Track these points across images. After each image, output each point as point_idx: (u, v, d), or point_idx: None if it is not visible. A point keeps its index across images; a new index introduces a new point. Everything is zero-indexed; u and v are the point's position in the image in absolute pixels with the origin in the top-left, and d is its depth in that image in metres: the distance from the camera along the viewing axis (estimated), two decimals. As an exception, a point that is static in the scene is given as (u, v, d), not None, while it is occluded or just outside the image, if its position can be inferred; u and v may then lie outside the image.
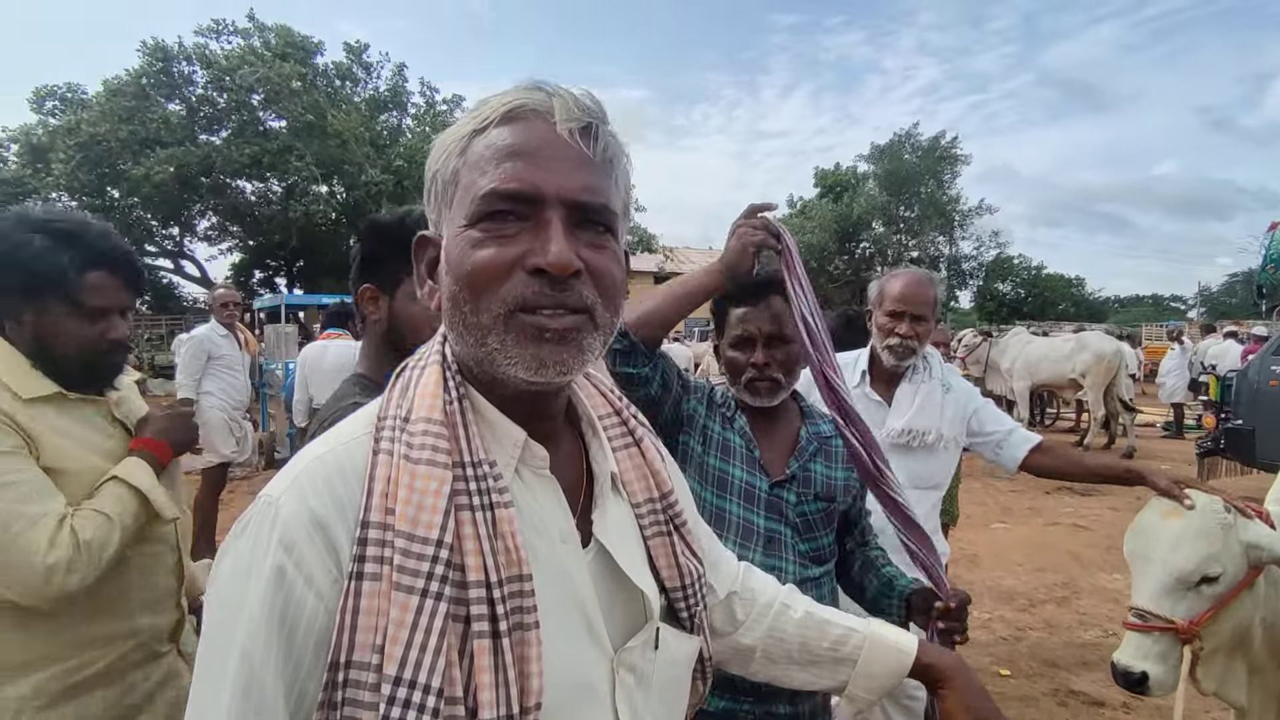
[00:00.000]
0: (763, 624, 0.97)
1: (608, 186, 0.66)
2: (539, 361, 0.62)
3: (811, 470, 1.56)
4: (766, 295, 1.54)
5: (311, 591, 0.57)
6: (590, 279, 0.63)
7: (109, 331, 1.39)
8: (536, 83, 0.67)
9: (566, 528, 0.70)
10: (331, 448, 0.64)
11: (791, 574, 1.47)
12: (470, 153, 0.65)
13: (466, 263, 0.62)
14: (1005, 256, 32.24)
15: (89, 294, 1.36)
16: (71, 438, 1.34)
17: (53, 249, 1.33)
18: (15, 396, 1.28)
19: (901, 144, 28.88)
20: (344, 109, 21.43)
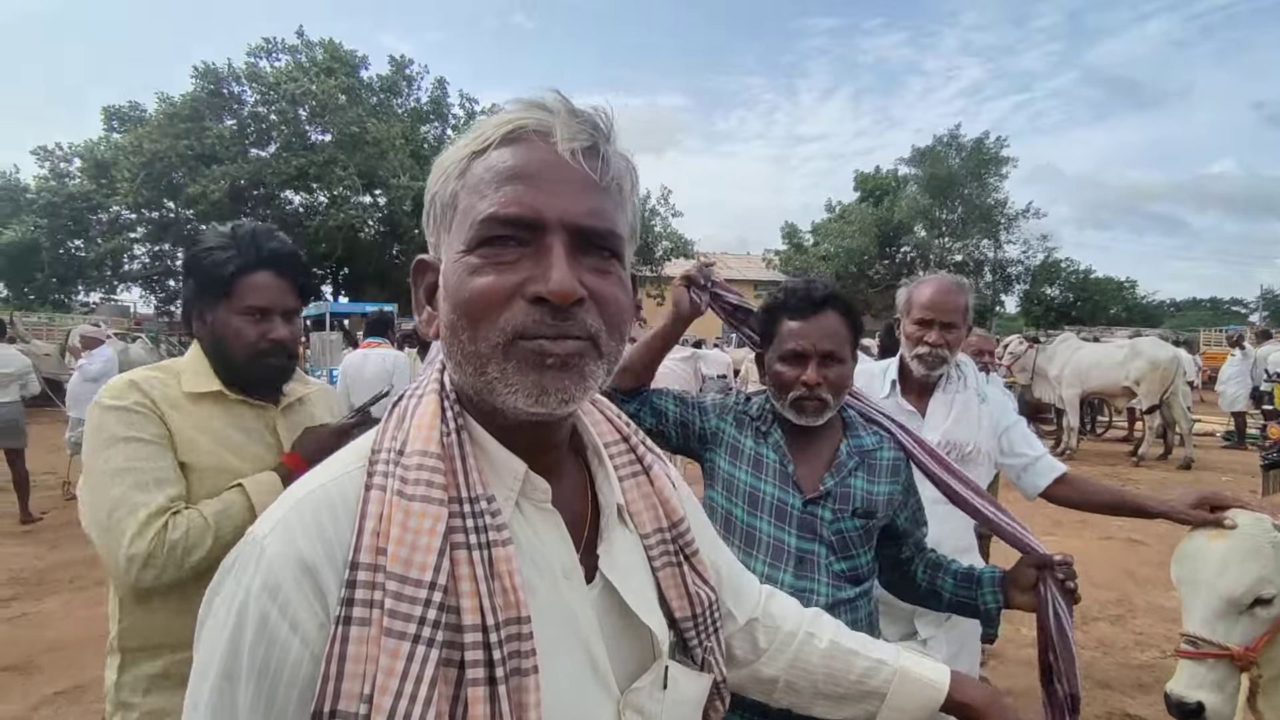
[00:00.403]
0: (786, 653, 0.93)
1: (613, 209, 0.63)
2: (540, 389, 0.59)
3: (851, 486, 1.48)
4: (824, 310, 1.48)
5: (297, 638, 0.54)
6: (594, 306, 0.60)
7: (269, 332, 1.42)
8: (538, 100, 0.63)
9: (570, 564, 0.66)
10: (322, 482, 0.61)
11: (825, 595, 1.42)
12: (469, 175, 0.62)
13: (465, 290, 0.59)
14: (1053, 260, 31.29)
15: (250, 294, 1.41)
16: (212, 435, 1.37)
17: (223, 252, 1.40)
18: (180, 389, 1.37)
19: (944, 146, 28.32)
20: (385, 120, 21.97)
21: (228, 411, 1.42)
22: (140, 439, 1.28)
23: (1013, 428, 2.16)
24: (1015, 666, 3.80)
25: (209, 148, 20.04)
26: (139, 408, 1.30)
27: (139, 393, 1.32)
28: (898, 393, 2.15)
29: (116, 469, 1.26)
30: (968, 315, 2.11)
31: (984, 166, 27.94)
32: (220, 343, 1.41)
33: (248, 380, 1.44)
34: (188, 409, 1.36)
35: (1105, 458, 10.22)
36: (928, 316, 2.05)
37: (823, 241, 31.18)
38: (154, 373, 1.40)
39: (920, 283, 2.16)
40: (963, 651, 2.02)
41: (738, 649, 0.92)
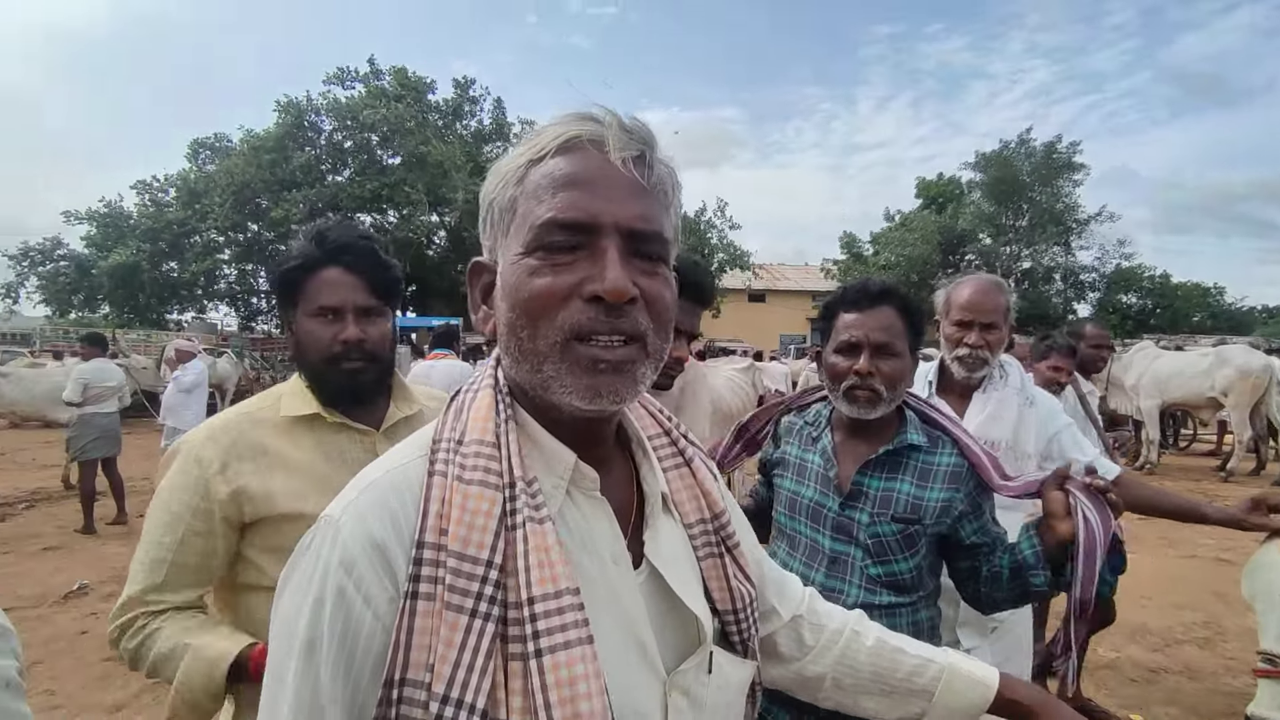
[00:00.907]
0: (832, 651, 0.93)
1: (660, 214, 0.67)
2: (594, 391, 0.62)
3: (894, 489, 1.45)
4: (881, 304, 1.48)
5: (370, 611, 0.58)
6: (644, 306, 0.64)
7: (341, 333, 1.29)
8: (589, 111, 0.67)
9: (618, 550, 0.69)
10: (389, 469, 0.66)
11: (854, 598, 1.40)
12: (527, 182, 0.66)
13: (524, 290, 0.63)
14: (1129, 266, 29.71)
15: (318, 293, 1.30)
16: (299, 472, 1.26)
17: (299, 251, 1.32)
18: (275, 417, 1.29)
19: (1012, 151, 27.38)
20: (449, 141, 22.82)
21: (324, 438, 1.31)
22: (168, 508, 1.22)
23: (1063, 432, 2.09)
24: (1090, 689, 3.67)
25: (290, 174, 21.27)
26: (185, 471, 1.23)
27: (205, 447, 1.23)
28: (933, 394, 2.10)
29: (148, 527, 1.24)
30: (1009, 315, 2.07)
31: (1055, 173, 26.83)
32: (300, 351, 1.33)
33: (332, 392, 1.32)
34: (278, 446, 1.26)
35: (1190, 473, 9.69)
36: (967, 317, 2.02)
37: (883, 251, 30.52)
38: (250, 407, 1.33)
39: (958, 283, 2.13)
40: (1010, 663, 1.96)
41: (783, 646, 0.93)
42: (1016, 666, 2.00)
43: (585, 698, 0.57)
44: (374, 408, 1.38)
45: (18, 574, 5.50)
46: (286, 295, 1.33)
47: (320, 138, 22.88)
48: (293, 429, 1.30)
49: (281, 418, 1.30)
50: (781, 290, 38.17)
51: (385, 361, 1.37)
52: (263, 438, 1.27)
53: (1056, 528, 1.27)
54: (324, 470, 1.28)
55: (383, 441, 1.34)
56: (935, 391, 2.11)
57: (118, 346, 11.39)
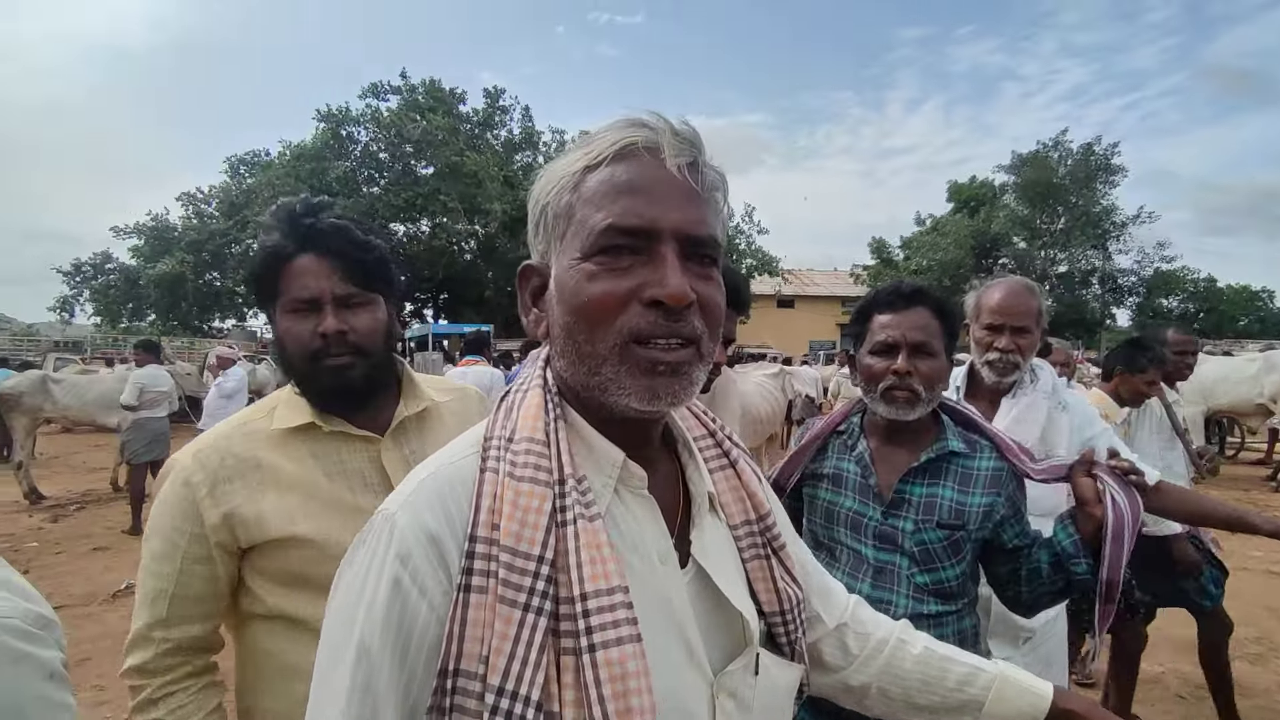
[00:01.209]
0: (878, 660, 0.92)
1: (712, 218, 0.68)
2: (652, 393, 0.63)
3: (938, 495, 1.43)
4: (915, 304, 1.47)
5: (425, 602, 0.59)
6: (699, 310, 0.65)
7: (319, 325, 1.16)
8: (641, 118, 0.68)
9: (665, 548, 0.69)
10: (442, 465, 0.67)
11: (903, 608, 1.38)
12: (584, 188, 0.66)
13: (583, 294, 0.64)
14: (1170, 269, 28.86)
15: (294, 284, 1.17)
16: (296, 490, 1.14)
17: (271, 239, 1.19)
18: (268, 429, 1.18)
19: (1047, 152, 26.86)
20: (481, 152, 23.19)
21: (321, 449, 1.18)
22: (163, 535, 1.13)
23: (1099, 437, 2.02)
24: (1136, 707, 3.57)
25: (327, 186, 21.84)
26: (174, 495, 1.13)
27: (193, 469, 1.13)
28: (961, 400, 2.02)
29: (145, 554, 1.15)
30: (1041, 319, 2.02)
31: (1093, 175, 26.23)
32: (282, 353, 1.20)
33: (320, 394, 1.19)
34: (271, 461, 1.15)
35: (1239, 482, 9.37)
36: (997, 321, 1.97)
37: (914, 255, 30.15)
38: (242, 419, 1.21)
39: (989, 286, 2.08)
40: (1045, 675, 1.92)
41: (828, 654, 0.92)
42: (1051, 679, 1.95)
43: (636, 693, 0.58)
44: (379, 409, 1.23)
45: (70, 572, 5.70)
46: (265, 294, 1.20)
47: (357, 149, 23.45)
48: (287, 441, 1.17)
49: (274, 430, 1.18)
50: (810, 296, 37.92)
51: (377, 355, 1.21)
52: (255, 453, 1.15)
53: (1091, 513, 1.31)
54: (321, 486, 1.15)
55: (389, 446, 1.21)
56: (964, 396, 2.07)
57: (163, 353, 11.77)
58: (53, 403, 8.69)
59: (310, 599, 1.10)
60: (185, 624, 1.14)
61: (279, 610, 1.14)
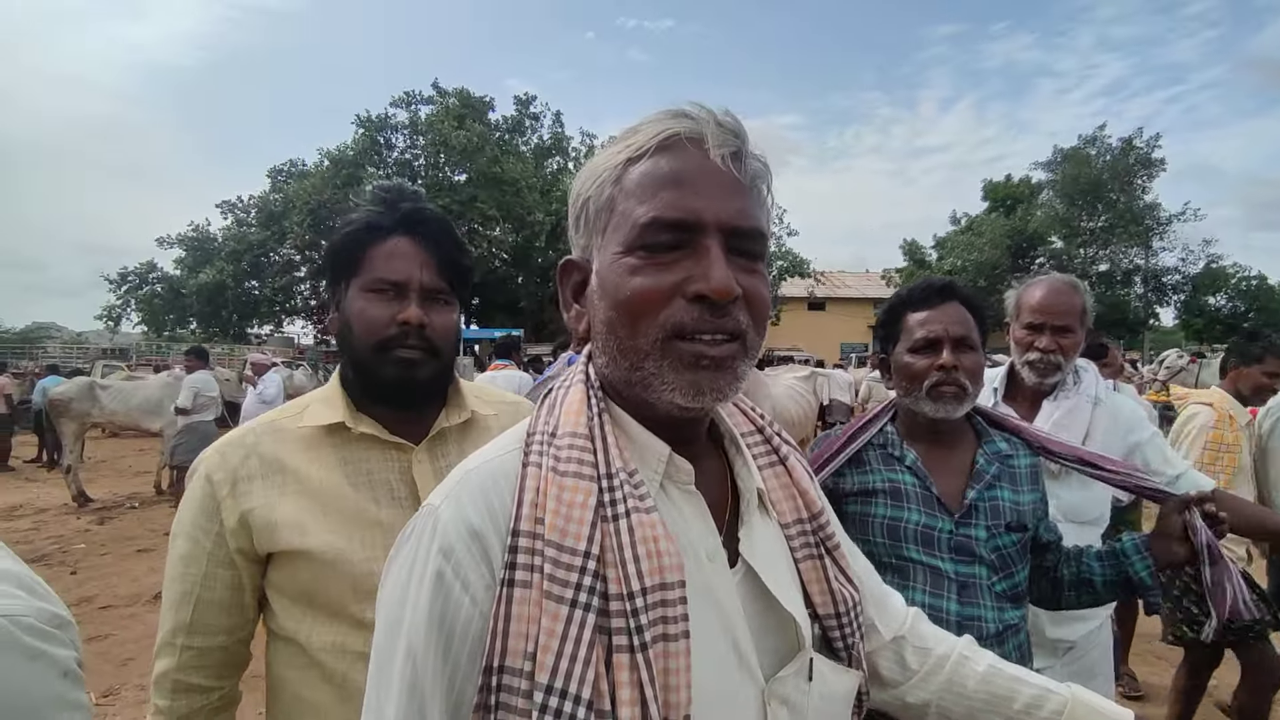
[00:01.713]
0: (939, 677, 0.86)
1: (757, 210, 0.66)
2: (696, 388, 0.62)
3: (999, 498, 1.38)
4: (949, 299, 1.43)
5: (468, 596, 0.58)
6: (745, 304, 0.64)
7: (400, 312, 1.08)
8: (684, 109, 0.66)
9: (713, 546, 0.67)
10: (485, 460, 0.67)
11: (991, 621, 1.30)
12: (626, 180, 0.65)
13: (625, 289, 0.63)
14: (1217, 267, 27.82)
15: (383, 263, 1.09)
16: (316, 499, 1.05)
17: (362, 215, 1.13)
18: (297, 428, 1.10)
19: (1086, 148, 26.14)
20: (514, 159, 23.45)
21: (349, 454, 1.09)
22: (188, 534, 1.07)
23: (1147, 443, 1.93)
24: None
25: (363, 195, 22.22)
26: (198, 493, 1.07)
27: (216, 464, 1.07)
28: (1000, 402, 1.99)
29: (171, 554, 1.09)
30: (1085, 318, 1.94)
31: (1133, 170, 25.46)
32: (346, 334, 1.11)
33: (379, 386, 1.11)
34: (295, 464, 1.07)
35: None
36: (1038, 320, 1.90)
37: (948, 256, 29.60)
38: (274, 415, 1.15)
39: (1030, 284, 2.00)
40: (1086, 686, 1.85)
41: (885, 669, 0.87)
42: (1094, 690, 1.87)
43: (675, 690, 0.57)
44: (421, 417, 1.15)
45: (116, 574, 5.88)
46: (341, 267, 1.12)
47: (393, 155, 23.88)
48: (316, 443, 1.09)
49: (303, 428, 1.10)
50: (841, 298, 37.46)
51: (446, 359, 1.14)
52: (282, 453, 1.08)
53: (1167, 552, 1.32)
54: (344, 495, 1.06)
55: (422, 458, 1.11)
56: (1001, 399, 2.01)
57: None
58: (100, 408, 8.99)
59: (316, 623, 1.03)
60: (209, 634, 1.07)
61: (286, 632, 1.06)
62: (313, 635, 1.03)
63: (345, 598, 1.02)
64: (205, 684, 1.09)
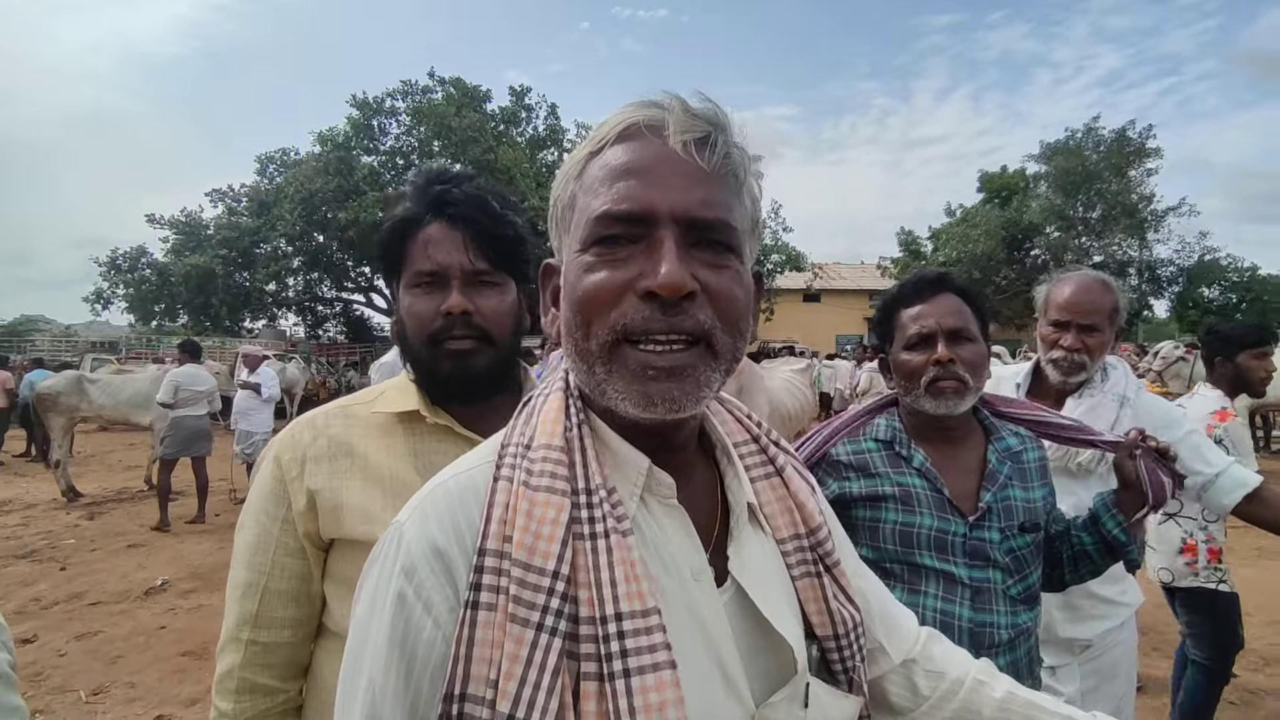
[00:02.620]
0: (952, 703, 0.81)
1: (728, 200, 0.62)
2: (647, 398, 0.58)
3: (1011, 498, 1.34)
4: (941, 290, 1.41)
5: (430, 619, 0.56)
6: (707, 301, 0.59)
7: (443, 302, 1.04)
8: (651, 98, 0.63)
9: (699, 564, 0.64)
10: (456, 474, 0.64)
11: (1004, 627, 1.28)
12: (585, 176, 0.63)
13: (579, 288, 0.60)
14: (1212, 259, 27.88)
15: (419, 255, 1.05)
16: (383, 486, 1.01)
17: (402, 205, 1.09)
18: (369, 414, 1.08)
19: (1081, 139, 26.09)
20: (509, 147, 23.24)
21: (421, 444, 1.06)
22: (256, 520, 1.04)
23: (1181, 441, 1.86)
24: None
25: (355, 185, 21.97)
26: (267, 475, 1.05)
27: (286, 445, 1.05)
28: (1021, 397, 1.95)
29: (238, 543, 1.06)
30: (1115, 316, 1.90)
31: (1127, 161, 25.43)
32: (402, 335, 1.09)
33: (438, 380, 1.07)
34: (365, 450, 1.04)
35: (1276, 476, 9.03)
36: (1064, 318, 1.88)
37: (943, 247, 29.56)
38: (349, 400, 1.13)
39: (1060, 280, 1.98)
40: (1104, 688, 1.82)
41: (894, 695, 0.82)
42: (1113, 692, 1.85)
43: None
44: (496, 410, 1.04)
45: (105, 570, 5.82)
46: (390, 268, 1.10)
47: (387, 141, 23.58)
48: (389, 430, 1.06)
49: (376, 414, 1.07)
50: (837, 290, 37.44)
51: (504, 345, 1.08)
52: (352, 437, 1.05)
53: (1127, 500, 1.37)
54: (411, 484, 0.99)
55: None
56: (1026, 395, 1.98)
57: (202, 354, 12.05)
58: (88, 402, 8.90)
59: None
60: (276, 627, 1.02)
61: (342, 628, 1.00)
62: None
63: None
64: (272, 684, 1.04)
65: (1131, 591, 1.92)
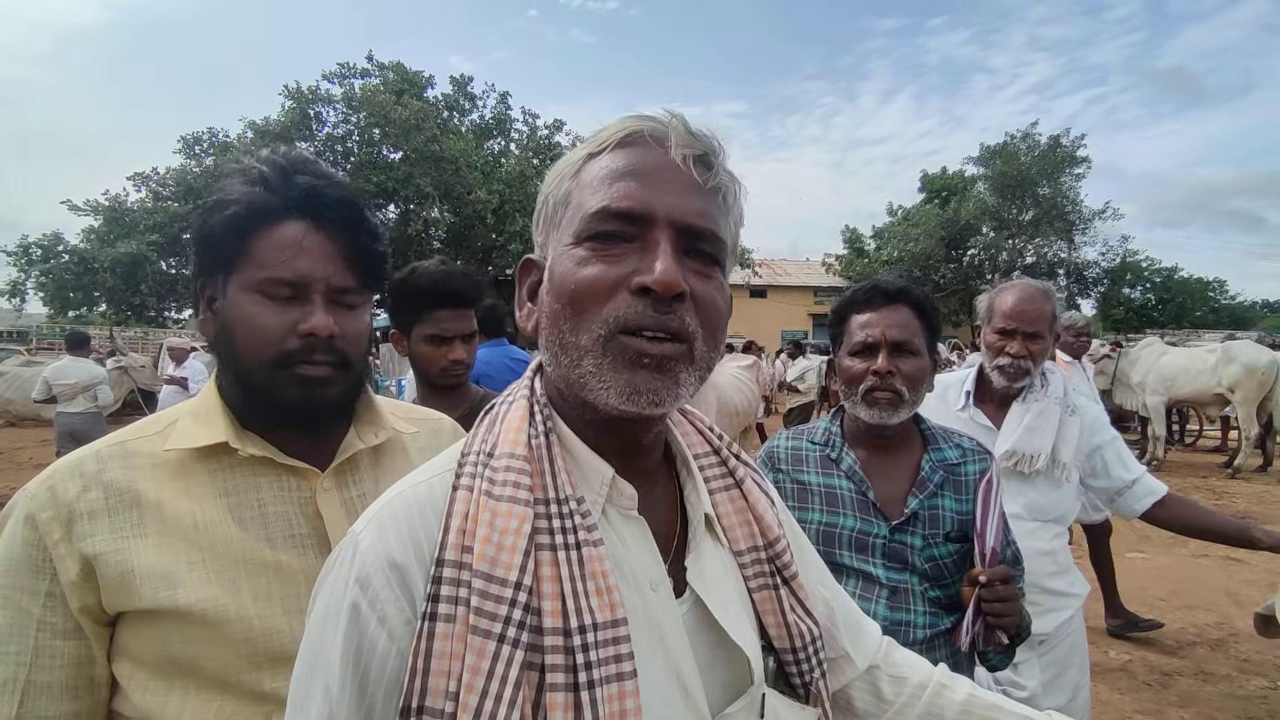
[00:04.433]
0: (916, 706, 0.82)
1: (718, 215, 0.65)
2: (632, 388, 0.59)
3: (940, 506, 1.37)
4: (895, 302, 1.42)
5: (384, 631, 0.55)
6: (694, 307, 0.61)
7: (304, 320, 0.89)
8: (653, 112, 0.66)
9: (657, 575, 0.64)
10: (415, 483, 0.63)
11: (921, 627, 1.31)
12: (584, 174, 0.65)
13: (571, 280, 0.61)
14: (1133, 260, 29.53)
15: (276, 256, 0.89)
16: (187, 538, 0.84)
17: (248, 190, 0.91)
18: (159, 451, 0.88)
19: (1016, 144, 27.16)
20: (454, 137, 22.67)
21: (234, 483, 0.88)
22: (8, 601, 0.81)
23: (1106, 447, 2.02)
24: (1105, 696, 3.59)
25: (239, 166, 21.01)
26: (18, 538, 0.82)
27: (44, 500, 0.83)
28: (971, 404, 2.05)
29: None
30: (1054, 323, 2.01)
31: (1059, 166, 26.60)
32: (226, 343, 0.90)
33: (277, 410, 0.91)
34: (156, 498, 0.85)
35: (1197, 470, 9.61)
36: (1010, 326, 1.95)
37: (885, 245, 30.38)
38: (126, 435, 0.91)
39: (1003, 289, 2.07)
40: (1061, 677, 1.91)
41: (859, 700, 0.84)
42: (1070, 680, 1.94)
43: None
44: (326, 438, 0.96)
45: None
46: (217, 257, 0.90)
47: (323, 130, 22.66)
48: (186, 470, 0.87)
49: (168, 452, 0.87)
50: (782, 286, 38.01)
51: (357, 372, 0.95)
52: (136, 483, 0.85)
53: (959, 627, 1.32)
54: (228, 536, 0.85)
55: (329, 486, 0.93)
56: (974, 401, 2.06)
57: (115, 344, 11.34)
58: (-7, 396, 8.30)
59: (188, 698, 0.81)
60: None
61: (141, 713, 0.82)
62: (184, 715, 0.81)
63: (234, 665, 0.82)
64: None
65: (1079, 582, 2.01)
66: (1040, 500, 1.93)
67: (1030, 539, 1.86)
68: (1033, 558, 1.83)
